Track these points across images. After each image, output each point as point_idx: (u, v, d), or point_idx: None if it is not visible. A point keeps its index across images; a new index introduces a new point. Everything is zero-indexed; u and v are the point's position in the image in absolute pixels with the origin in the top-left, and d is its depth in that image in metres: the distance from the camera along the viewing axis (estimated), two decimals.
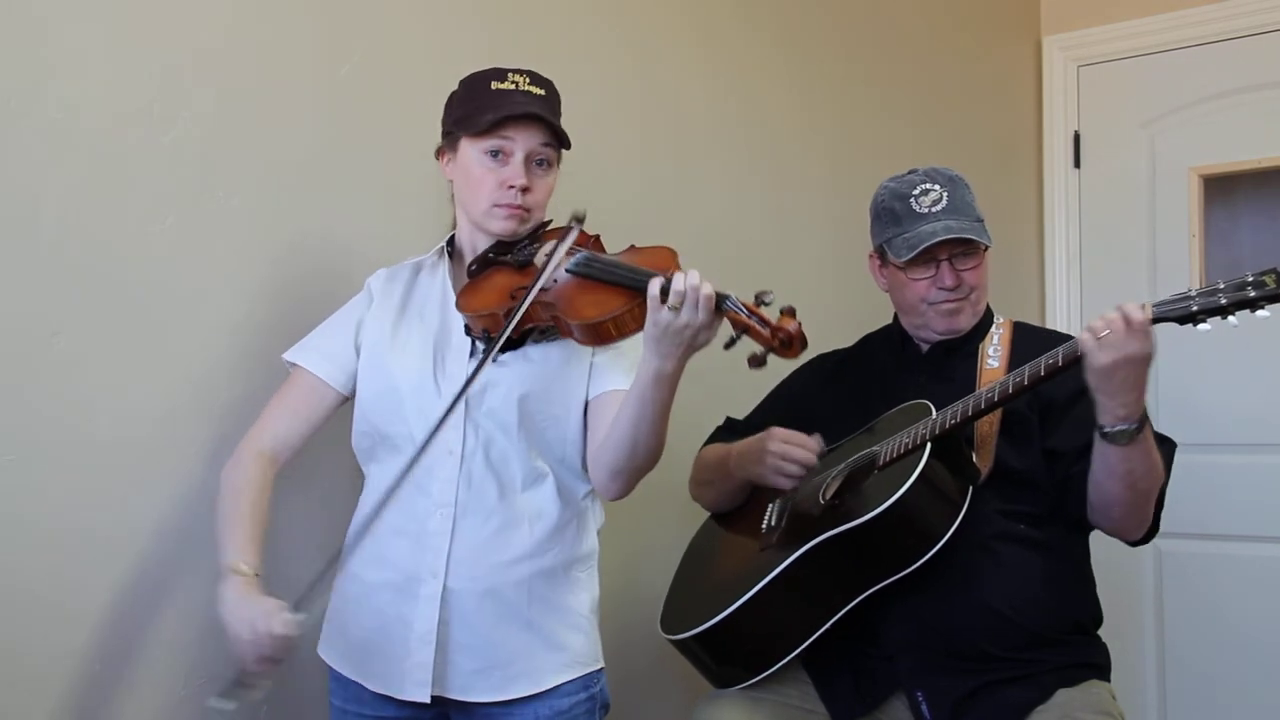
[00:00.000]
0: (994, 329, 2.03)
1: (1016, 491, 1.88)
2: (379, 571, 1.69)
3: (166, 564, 1.75)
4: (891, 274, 2.03)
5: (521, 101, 1.67)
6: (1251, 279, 1.54)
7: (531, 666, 1.68)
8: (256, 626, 1.48)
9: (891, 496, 1.73)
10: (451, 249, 1.81)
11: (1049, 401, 1.89)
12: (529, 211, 1.70)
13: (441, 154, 1.76)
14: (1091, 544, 1.97)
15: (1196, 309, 1.57)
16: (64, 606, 1.67)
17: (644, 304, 1.51)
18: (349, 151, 2.01)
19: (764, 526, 1.96)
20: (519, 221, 1.70)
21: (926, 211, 1.95)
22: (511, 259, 1.70)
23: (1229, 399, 3.19)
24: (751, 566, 1.87)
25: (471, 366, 1.66)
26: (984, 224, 1.99)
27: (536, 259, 1.66)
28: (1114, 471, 1.74)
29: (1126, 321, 1.59)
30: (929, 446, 1.77)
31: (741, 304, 1.51)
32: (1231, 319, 1.56)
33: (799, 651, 1.83)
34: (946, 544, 1.75)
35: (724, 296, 1.50)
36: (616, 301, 1.55)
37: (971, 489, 1.81)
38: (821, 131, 2.92)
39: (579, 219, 1.65)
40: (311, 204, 1.96)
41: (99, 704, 1.71)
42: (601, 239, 1.69)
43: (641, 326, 1.53)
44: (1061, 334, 2.05)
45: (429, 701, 1.65)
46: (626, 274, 1.56)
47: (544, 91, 1.71)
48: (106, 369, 1.71)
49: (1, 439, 1.61)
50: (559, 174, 1.74)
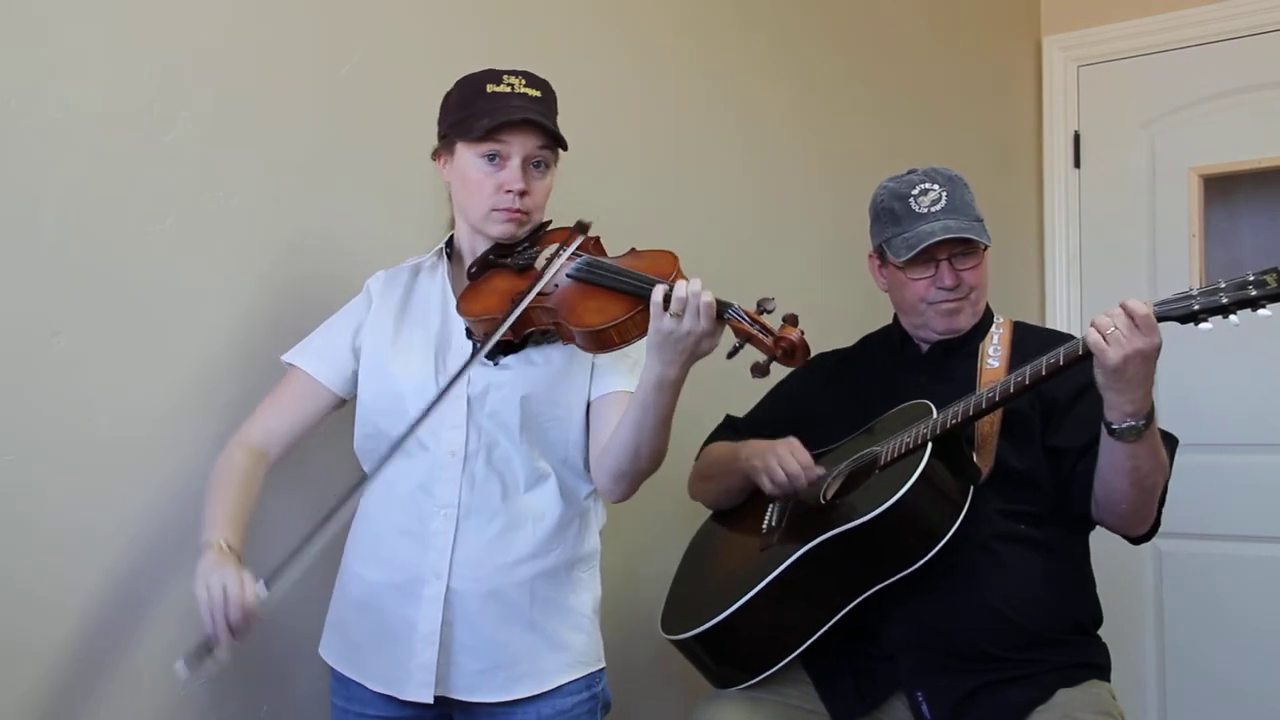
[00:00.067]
0: (994, 329, 2.03)
1: (1017, 491, 1.88)
2: (382, 572, 1.69)
3: (167, 564, 1.75)
4: (891, 274, 2.03)
5: (517, 106, 1.66)
6: (1253, 278, 1.54)
7: (535, 667, 1.68)
8: (225, 588, 1.48)
9: (893, 496, 1.72)
10: (450, 250, 1.81)
11: (1051, 400, 1.89)
12: (527, 214, 1.70)
13: (438, 156, 1.75)
14: (1091, 544, 1.98)
15: (1198, 308, 1.57)
16: (64, 606, 1.67)
17: (646, 310, 1.50)
18: (349, 151, 2.01)
19: (765, 526, 1.96)
20: (517, 225, 1.70)
21: (926, 211, 1.95)
22: (512, 262, 1.69)
23: (1229, 399, 3.19)
24: (752, 567, 1.87)
25: (474, 370, 1.66)
26: (983, 224, 1.98)
27: (537, 263, 1.66)
28: (1121, 468, 1.74)
29: (1131, 316, 1.59)
30: (930, 446, 1.77)
31: (744, 312, 1.50)
32: (1233, 318, 1.56)
33: (799, 652, 1.83)
34: (947, 544, 1.75)
35: (726, 305, 1.49)
36: (619, 308, 1.54)
37: (972, 489, 1.81)
38: (821, 131, 2.92)
39: (584, 228, 1.64)
40: (311, 204, 1.96)
41: (99, 704, 1.71)
42: (601, 241, 1.69)
43: (644, 333, 1.53)
44: (1062, 333, 2.06)
45: (432, 702, 1.65)
46: (629, 280, 1.55)
47: (540, 93, 1.70)
48: (106, 369, 1.71)
49: (1, 439, 1.61)
50: (557, 173, 1.74)
